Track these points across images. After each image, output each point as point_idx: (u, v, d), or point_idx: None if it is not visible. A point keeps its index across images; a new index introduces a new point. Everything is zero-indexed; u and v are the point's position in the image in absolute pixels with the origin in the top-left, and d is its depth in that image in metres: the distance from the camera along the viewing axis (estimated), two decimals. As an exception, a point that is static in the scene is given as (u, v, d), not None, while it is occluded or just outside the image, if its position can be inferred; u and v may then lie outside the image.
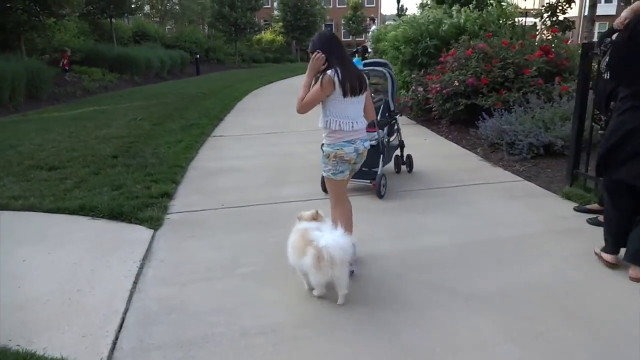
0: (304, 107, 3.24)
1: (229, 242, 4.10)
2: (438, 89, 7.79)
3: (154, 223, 4.45)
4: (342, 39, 54.57)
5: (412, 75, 9.28)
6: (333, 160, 3.23)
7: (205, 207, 4.96)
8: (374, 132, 5.01)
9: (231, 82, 19.88)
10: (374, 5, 55.17)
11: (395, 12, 63.78)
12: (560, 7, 11.16)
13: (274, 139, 8.41)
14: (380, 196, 5.04)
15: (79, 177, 5.83)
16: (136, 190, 5.26)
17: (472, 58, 7.58)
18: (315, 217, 3.19)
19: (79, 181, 5.69)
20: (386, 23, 18.71)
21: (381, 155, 5.19)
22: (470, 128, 7.99)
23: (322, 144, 3.35)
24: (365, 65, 5.56)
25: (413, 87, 9.15)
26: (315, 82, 3.16)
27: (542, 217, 4.50)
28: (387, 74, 5.44)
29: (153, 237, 4.21)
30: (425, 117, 9.28)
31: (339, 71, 3.09)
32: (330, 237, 2.84)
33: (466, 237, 4.11)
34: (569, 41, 9.59)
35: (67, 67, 17.79)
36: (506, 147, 6.41)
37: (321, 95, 3.15)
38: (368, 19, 17.60)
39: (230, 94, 15.22)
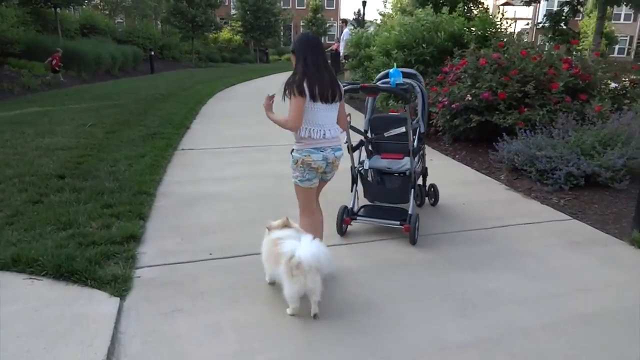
0: (294, 120, 3.10)
1: (231, 322, 2.91)
2: (446, 103, 6.82)
3: (120, 287, 3.19)
4: (301, 41, 53.97)
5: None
6: (300, 167, 3.18)
7: (188, 258, 3.72)
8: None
9: (190, 82, 18.37)
10: (333, 8, 54.39)
11: (352, 16, 63.53)
12: (563, 16, 10.51)
13: (255, 154, 7.19)
14: (414, 242, 3.97)
15: (13, 208, 4.44)
16: (91, 232, 3.96)
17: (485, 69, 6.65)
18: (286, 224, 3.11)
19: (12, 214, 4.31)
20: (367, 26, 17.82)
21: (412, 190, 4.12)
22: (478, 147, 7.08)
23: (292, 149, 3.26)
24: (387, 75, 4.49)
25: (410, 98, 8.14)
26: (288, 94, 3.10)
27: (628, 277, 3.56)
28: (418, 88, 4.38)
29: (120, 311, 2.96)
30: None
31: (308, 75, 3.04)
32: (302, 245, 2.77)
33: (557, 311, 3.08)
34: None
35: (57, 68, 16.57)
36: (536, 174, 5.50)
37: (299, 100, 3.05)
38: (340, 22, 16.48)
39: (192, 96, 13.79)
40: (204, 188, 5.48)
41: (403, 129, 3.99)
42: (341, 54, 15.95)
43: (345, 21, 16.41)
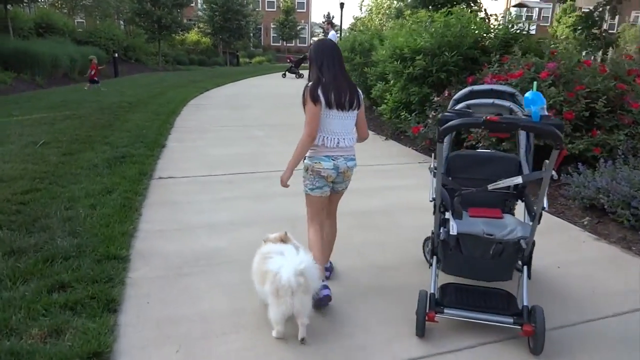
0: (311, 130, 2.99)
1: None
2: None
3: None
4: (272, 44, 52.50)
5: (435, 98, 6.97)
6: (310, 175, 3.09)
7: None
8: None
9: (159, 87, 16.64)
10: (304, 10, 53.05)
11: (322, 19, 62.43)
12: (598, 17, 9.33)
13: (254, 184, 5.71)
14: (539, 350, 2.60)
15: None
16: (29, 347, 2.45)
17: (546, 82, 5.37)
18: (284, 239, 2.93)
19: None
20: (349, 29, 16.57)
21: (526, 267, 2.77)
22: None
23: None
24: (476, 94, 3.14)
25: (434, 114, 6.85)
26: (304, 103, 3.02)
27: None
28: (519, 111, 3.03)
29: None
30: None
31: (323, 81, 2.95)
32: (289, 261, 2.54)
33: None
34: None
35: (95, 78, 15.22)
36: (633, 220, 4.25)
37: (313, 108, 2.94)
38: (325, 23, 15.10)
39: (164, 104, 12.16)
40: (195, 242, 4.00)
41: (519, 179, 2.63)
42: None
43: (330, 23, 15.05)
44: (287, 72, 23.63)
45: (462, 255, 2.90)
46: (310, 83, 3.01)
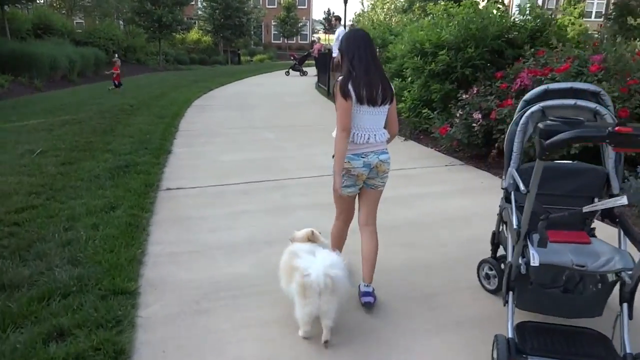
0: (343, 126, 2.79)
1: None
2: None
3: None
4: (273, 42, 52.00)
5: (464, 96, 6.44)
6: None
7: None
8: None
9: (161, 88, 16.12)
10: (305, 6, 52.42)
11: (322, 16, 61.78)
12: (637, 5, 8.70)
13: (271, 194, 5.21)
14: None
15: None
16: None
17: (597, 77, 4.84)
18: (310, 238, 2.86)
19: None
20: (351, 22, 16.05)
21: (627, 305, 2.27)
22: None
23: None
24: (552, 94, 2.62)
25: (461, 113, 6.33)
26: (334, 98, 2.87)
27: None
28: (607, 114, 2.51)
29: None
30: (469, 152, 6.52)
31: (354, 75, 2.79)
32: (319, 262, 2.47)
33: None
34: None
35: (118, 81, 14.93)
36: None
37: (344, 103, 2.78)
38: (333, 19, 14.57)
39: (167, 106, 11.65)
40: (213, 268, 3.50)
41: (624, 200, 2.12)
42: (334, 54, 14.08)
43: (338, 19, 14.50)
44: (290, 70, 23.09)
45: (543, 289, 2.40)
46: (340, 77, 2.84)
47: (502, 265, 3.06)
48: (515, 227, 2.27)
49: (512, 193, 2.46)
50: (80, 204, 4.62)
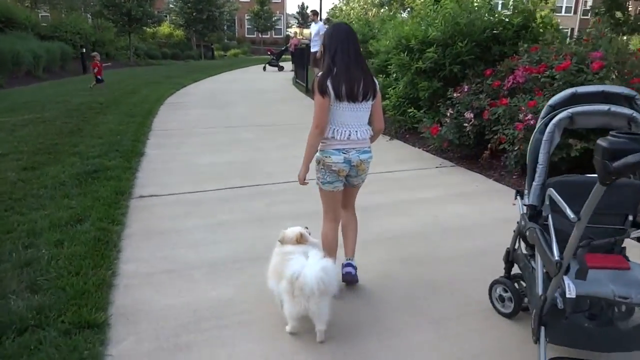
0: (319, 122, 2.78)
1: None
2: (532, 122, 4.75)
3: None
4: (247, 36, 51.28)
5: (454, 94, 6.16)
6: (322, 168, 2.92)
7: None
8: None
9: (132, 84, 15.47)
10: (279, 1, 51.76)
11: (296, 10, 61.17)
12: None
13: (254, 202, 4.83)
14: None
15: None
16: None
17: (599, 75, 4.60)
18: (299, 240, 2.75)
19: None
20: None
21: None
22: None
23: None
24: (580, 98, 2.32)
25: (451, 112, 6.05)
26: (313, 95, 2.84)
27: None
28: (645, 122, 2.23)
29: None
30: (460, 153, 6.26)
31: (334, 71, 2.74)
32: (309, 265, 2.44)
33: None
34: None
35: (100, 76, 13.97)
36: None
37: (320, 100, 2.75)
38: (311, 14, 14.15)
39: (138, 104, 11.11)
40: (194, 292, 3.12)
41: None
42: (314, 50, 13.71)
43: (316, 13, 14.11)
44: (267, 65, 22.62)
45: (578, 322, 2.10)
46: (319, 73, 2.80)
47: (517, 285, 2.77)
48: (556, 258, 1.96)
49: (550, 216, 2.15)
50: (43, 215, 4.16)
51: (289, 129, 8.72)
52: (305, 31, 62.18)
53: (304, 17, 60.80)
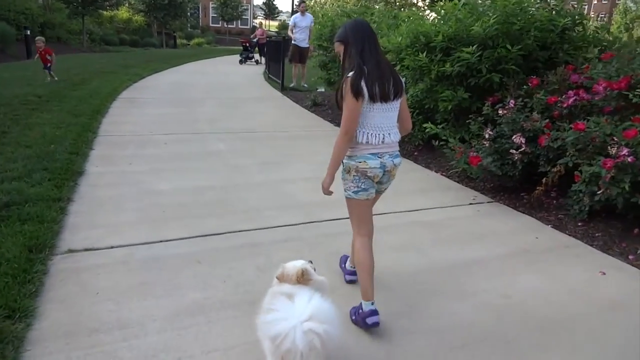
0: (350, 129, 2.53)
1: None
2: (630, 160, 3.43)
3: None
4: (211, 25, 49.14)
5: (500, 111, 4.78)
6: (354, 176, 2.67)
7: None
8: None
9: (83, 73, 13.45)
10: (246, -11, 49.76)
11: (264, 0, 59.18)
12: None
13: (240, 263, 3.32)
14: None
15: None
16: None
17: None
18: (301, 279, 2.16)
19: None
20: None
21: None
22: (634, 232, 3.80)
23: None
24: None
25: (490, 133, 4.70)
26: (342, 97, 2.55)
27: None
28: None
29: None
30: (493, 182, 4.94)
31: (366, 70, 2.51)
32: (294, 317, 1.81)
33: None
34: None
35: (49, 64, 11.34)
36: None
37: (354, 103, 2.51)
38: (300, 4, 12.57)
39: (86, 98, 9.29)
40: None
41: None
42: (299, 42, 12.19)
43: (302, 2, 12.53)
44: (245, 59, 20.71)
45: None
46: (351, 73, 2.51)
47: None
48: None
49: None
50: None
51: (269, 138, 7.21)
52: (272, 23, 60.28)
53: (270, 9, 58.88)
